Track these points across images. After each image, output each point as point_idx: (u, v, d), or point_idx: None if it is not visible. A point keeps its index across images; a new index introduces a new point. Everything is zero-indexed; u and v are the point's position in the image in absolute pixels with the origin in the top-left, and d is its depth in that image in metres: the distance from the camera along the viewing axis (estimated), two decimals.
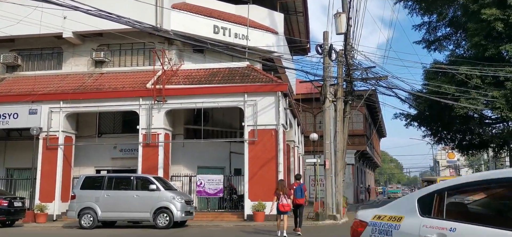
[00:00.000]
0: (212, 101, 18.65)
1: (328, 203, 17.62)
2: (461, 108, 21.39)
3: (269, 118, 17.94)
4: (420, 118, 27.60)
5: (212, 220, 17.64)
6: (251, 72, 19.55)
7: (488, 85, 21.52)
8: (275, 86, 18.33)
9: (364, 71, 20.33)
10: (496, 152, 32.32)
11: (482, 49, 22.09)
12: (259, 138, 17.79)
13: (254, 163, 17.67)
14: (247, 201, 17.40)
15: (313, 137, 22.12)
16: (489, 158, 49.60)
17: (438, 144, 36.53)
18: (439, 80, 23.07)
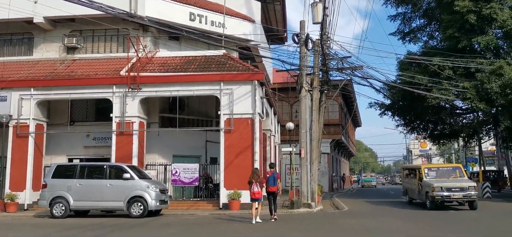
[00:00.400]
0: (188, 89, 18.46)
1: (303, 192, 17.77)
2: (433, 98, 21.86)
3: (245, 107, 17.89)
4: (394, 108, 28.08)
5: (187, 209, 17.56)
6: (227, 60, 19.43)
7: (460, 76, 22.03)
8: (252, 74, 18.27)
9: (340, 61, 20.48)
10: (466, 142, 33.24)
11: (455, 41, 22.57)
12: (235, 127, 17.74)
13: (230, 152, 17.64)
14: (223, 190, 17.38)
15: (289, 126, 22.22)
16: (460, 147, 50.94)
17: (411, 134, 37.29)
18: (413, 71, 23.47)
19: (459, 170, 18.17)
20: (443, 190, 16.33)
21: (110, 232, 11.47)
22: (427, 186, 17.03)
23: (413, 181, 19.45)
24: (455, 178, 17.42)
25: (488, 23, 21.50)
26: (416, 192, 18.86)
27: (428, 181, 17.18)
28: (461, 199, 16.60)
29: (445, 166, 19.05)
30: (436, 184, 16.49)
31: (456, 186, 16.47)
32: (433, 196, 16.38)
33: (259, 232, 10.98)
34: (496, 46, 22.46)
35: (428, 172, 18.06)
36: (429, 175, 17.77)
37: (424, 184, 17.45)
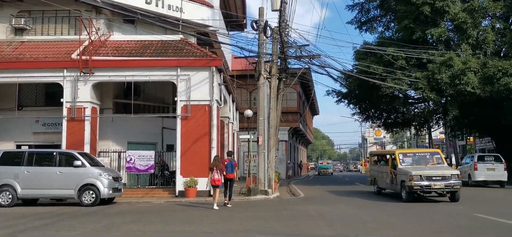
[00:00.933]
0: (144, 75, 17.99)
1: (260, 179, 17.84)
2: (388, 88, 22.47)
3: (203, 94, 17.65)
4: (350, 96, 28.69)
5: (142, 196, 17.21)
6: (185, 45, 19.07)
7: (412, 67, 22.73)
8: (210, 61, 18.02)
9: (298, 49, 20.61)
10: (417, 130, 34.50)
11: (409, 32, 23.24)
12: (192, 114, 17.49)
13: (186, 139, 17.39)
14: (179, 177, 17.14)
15: (248, 113, 22.17)
16: (412, 136, 52.83)
17: (366, 122, 38.38)
18: (369, 61, 24.02)
19: (437, 156, 15.90)
20: (422, 179, 14.21)
21: (60, 221, 11.03)
22: (403, 175, 14.94)
23: (384, 168, 17.51)
24: (434, 165, 15.33)
25: (441, 16, 22.24)
26: (387, 181, 16.83)
27: (404, 169, 15.03)
28: (442, 189, 14.49)
29: (422, 152, 16.73)
30: (414, 172, 14.32)
31: (437, 174, 14.36)
32: (410, 186, 14.24)
33: (213, 219, 10.89)
34: (447, 38, 23.30)
35: (404, 158, 15.80)
36: (404, 162, 15.57)
37: (399, 172, 15.33)
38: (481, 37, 22.19)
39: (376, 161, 19.74)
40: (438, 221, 10.28)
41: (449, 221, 10.32)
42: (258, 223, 10.22)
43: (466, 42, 21.99)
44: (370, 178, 20.21)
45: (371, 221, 10.38)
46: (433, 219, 10.67)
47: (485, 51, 22.25)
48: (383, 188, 17.98)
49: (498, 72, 20.20)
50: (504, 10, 22.91)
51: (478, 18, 22.16)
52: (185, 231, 9.31)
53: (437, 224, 9.85)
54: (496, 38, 22.50)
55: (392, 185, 16.22)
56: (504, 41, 22.49)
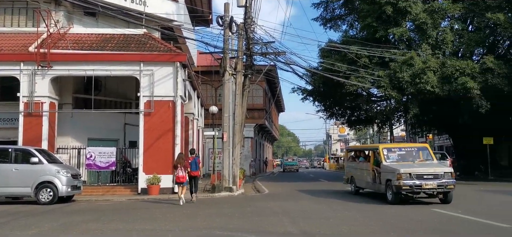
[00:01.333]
0: (105, 69, 17.47)
1: (225, 175, 17.74)
2: (351, 85, 22.79)
3: (166, 89, 17.34)
4: (315, 94, 28.96)
5: (102, 194, 16.76)
6: (148, 40, 18.68)
7: (375, 65, 23.16)
8: (174, 56, 17.72)
9: (264, 45, 20.61)
10: (379, 127, 35.27)
11: (372, 31, 23.65)
12: (155, 110, 17.16)
13: (149, 135, 17.05)
14: (142, 174, 16.80)
15: (213, 110, 22.00)
16: (374, 133, 54.03)
17: (330, 119, 38.85)
18: (333, 58, 24.28)
19: (425, 152, 14.36)
20: (412, 178, 12.54)
21: (15, 220, 10.58)
22: (388, 173, 13.22)
23: (364, 165, 15.85)
24: (422, 162, 13.80)
25: (402, 16, 22.74)
26: (368, 180, 15.15)
27: (391, 166, 13.32)
28: (434, 190, 12.74)
29: (409, 146, 14.87)
30: (403, 170, 12.63)
31: (428, 172, 12.73)
32: (398, 185, 12.54)
33: (175, 217, 10.73)
34: (409, 38, 23.87)
35: (388, 154, 14.07)
36: (389, 158, 13.89)
37: (384, 169, 13.66)
38: (440, 37, 22.86)
39: (353, 157, 17.90)
40: (408, 220, 10.50)
41: (419, 219, 10.55)
42: (221, 220, 10.13)
43: (426, 42, 22.60)
44: (346, 176, 17.94)
45: (333, 217, 10.49)
46: (404, 217, 10.88)
47: (444, 51, 22.93)
48: (361, 188, 16.30)
49: (456, 71, 20.86)
50: (463, 11, 23.69)
51: (437, 19, 22.81)
52: (146, 230, 9.10)
53: (408, 224, 10.05)
54: (454, 39, 23.23)
55: (374, 184, 14.58)
56: (462, 42, 23.26)
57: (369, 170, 14.95)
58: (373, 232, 8.50)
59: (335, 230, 8.76)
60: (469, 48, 23.24)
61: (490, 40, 24.62)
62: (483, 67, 20.94)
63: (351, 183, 17.25)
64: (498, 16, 21.21)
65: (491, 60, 20.91)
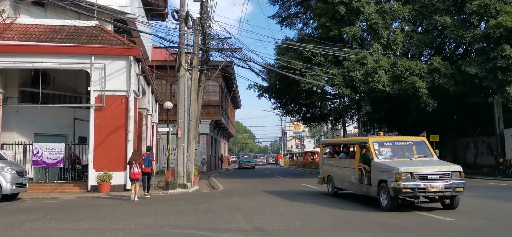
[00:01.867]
0: (54, 62, 16.75)
1: (179, 172, 17.50)
2: (307, 83, 23.13)
3: (119, 84, 16.87)
4: (271, 91, 29.19)
5: (50, 191, 16.09)
6: (100, 32, 18.08)
7: (330, 63, 23.61)
8: (127, 49, 17.26)
9: (220, 41, 20.48)
10: (333, 124, 36.07)
11: (327, 30, 24.07)
12: (107, 105, 16.66)
13: (100, 131, 16.54)
14: (92, 171, 16.27)
15: (167, 105, 21.61)
16: (328, 130, 55.17)
17: (286, 116, 39.36)
18: (289, 56, 24.53)
19: (422, 146, 12.14)
20: (414, 179, 10.22)
21: None
22: (383, 172, 10.90)
23: (346, 162, 13.60)
24: (421, 159, 11.60)
25: (356, 16, 23.29)
26: (352, 180, 12.77)
27: (385, 164, 11.04)
28: (441, 193, 10.30)
29: (404, 140, 12.48)
30: (403, 169, 10.27)
31: (434, 171, 10.42)
32: (397, 188, 10.15)
33: (126, 215, 10.47)
34: (362, 38, 24.50)
35: (380, 148, 11.73)
36: (382, 154, 11.59)
37: (376, 168, 11.32)
38: (391, 38, 23.60)
39: (331, 153, 15.28)
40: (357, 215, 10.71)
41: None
42: (173, 218, 9.97)
43: (378, 42, 23.27)
44: (321, 175, 15.50)
45: (287, 213, 10.58)
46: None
47: (395, 51, 23.72)
48: (341, 189, 14.04)
49: (405, 71, 21.62)
50: (412, 14, 24.58)
51: (389, 20, 23.54)
52: (94, 229, 8.81)
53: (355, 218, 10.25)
54: (404, 40, 24.07)
55: (360, 186, 12.24)
56: (412, 43, 24.13)
57: (354, 168, 12.62)
58: (323, 228, 8.64)
59: (289, 226, 8.84)
60: (418, 49, 24.16)
61: (438, 42, 25.70)
62: (431, 68, 21.84)
63: (328, 183, 14.79)
64: (445, 19, 22.17)
65: (438, 61, 21.83)
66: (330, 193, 14.49)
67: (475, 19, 21.86)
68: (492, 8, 21.02)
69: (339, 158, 14.36)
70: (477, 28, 22.07)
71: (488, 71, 20.47)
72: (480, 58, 21.38)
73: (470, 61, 21.68)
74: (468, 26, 22.20)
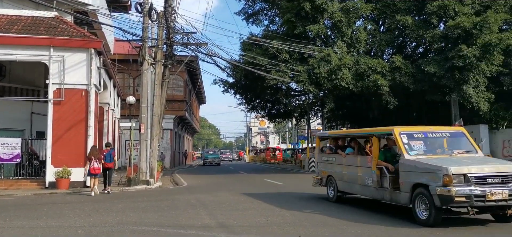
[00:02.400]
0: (10, 53, 16.04)
1: (142, 168, 17.18)
2: (272, 79, 23.21)
3: (79, 77, 16.35)
4: (237, 86, 29.13)
5: (5, 189, 15.42)
6: (59, 24, 17.45)
7: (295, 60, 23.78)
8: (88, 42, 16.73)
9: (185, 35, 20.22)
10: (298, 121, 36.42)
11: (292, 27, 24.21)
12: (66, 98, 16.11)
13: (59, 125, 15.98)
14: (50, 167, 15.70)
15: (130, 100, 21.17)
16: (292, 126, 55.68)
17: (251, 112, 39.38)
18: (254, 52, 24.51)
19: (463, 139, 9.61)
20: (468, 182, 7.74)
21: None
22: (422, 173, 8.29)
23: (356, 160, 10.76)
24: (465, 155, 9.06)
25: (320, 13, 23.53)
26: (366, 183, 10.12)
27: (423, 162, 8.43)
28: (505, 202, 7.76)
29: (437, 131, 9.69)
30: (454, 169, 7.80)
31: (494, 172, 7.93)
32: (448, 195, 7.67)
33: (85, 212, 10.16)
34: (326, 35, 24.80)
35: (410, 141, 9.11)
36: (413, 149, 8.96)
37: (408, 167, 8.67)
38: (355, 36, 24.00)
39: (332, 149, 12.27)
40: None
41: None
42: (135, 215, 9.76)
43: (342, 40, 23.61)
44: (318, 175, 12.77)
45: (251, 209, 10.57)
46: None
47: (358, 50, 24.14)
48: (348, 193, 11.48)
49: (368, 69, 22.05)
50: (375, 13, 25.09)
51: (352, 18, 23.92)
52: (52, 227, 8.49)
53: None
54: (367, 38, 24.54)
55: (379, 190, 9.60)
56: (374, 41, 24.63)
57: (369, 167, 9.95)
58: (289, 224, 8.67)
59: (253, 221, 8.83)
60: (380, 47, 24.69)
61: (399, 41, 26.35)
62: (392, 66, 22.36)
63: (328, 186, 12.15)
64: (407, 18, 22.74)
65: (399, 59, 22.37)
66: (331, 198, 11.81)
67: (435, 19, 22.53)
68: (451, 9, 21.73)
69: (345, 154, 11.40)
70: (436, 29, 22.76)
71: (446, 70, 21.16)
72: (439, 57, 22.06)
73: (430, 60, 22.34)
74: (428, 26, 22.86)
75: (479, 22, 20.44)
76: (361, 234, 7.56)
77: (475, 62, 20.42)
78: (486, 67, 20.85)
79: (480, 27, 20.38)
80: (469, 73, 20.85)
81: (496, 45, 20.25)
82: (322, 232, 7.70)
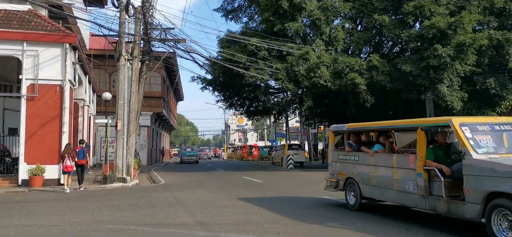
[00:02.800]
0: None
1: (118, 165, 16.91)
2: (251, 77, 23.18)
3: (53, 72, 15.97)
4: (215, 84, 28.98)
5: None
6: (33, 18, 17.00)
7: (274, 58, 23.81)
8: (63, 36, 16.35)
9: (163, 31, 19.99)
10: (276, 118, 36.52)
11: (270, 24, 24.22)
12: (40, 94, 15.72)
13: (33, 122, 15.58)
14: (23, 164, 15.30)
15: (106, 96, 20.82)
16: (271, 123, 55.86)
17: (229, 109, 39.25)
18: (233, 49, 24.44)
19: None
20: None
21: None
22: (505, 178, 6.21)
23: (387, 160, 8.79)
24: None
25: (298, 11, 23.61)
26: (407, 189, 8.03)
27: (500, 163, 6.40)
28: None
29: (504, 122, 7.60)
30: None
31: None
32: None
33: (60, 210, 9.94)
34: (305, 33, 24.91)
35: (475, 136, 7.09)
36: (481, 145, 6.97)
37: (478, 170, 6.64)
38: (333, 34, 24.19)
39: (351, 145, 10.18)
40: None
41: None
42: (111, 213, 9.59)
43: (320, 38, 23.76)
44: (333, 177, 10.63)
45: (230, 206, 10.53)
46: None
47: (336, 48, 24.34)
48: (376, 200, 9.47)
49: (346, 67, 22.25)
50: (353, 12, 25.32)
51: (330, 17, 24.09)
52: (25, 225, 8.26)
53: None
54: (345, 37, 24.76)
55: (427, 198, 7.59)
56: (352, 40, 24.87)
57: (412, 169, 7.88)
58: (267, 221, 8.67)
59: (231, 219, 8.79)
60: (358, 46, 24.95)
61: (376, 40, 26.68)
62: (370, 65, 22.62)
63: (347, 190, 10.04)
64: (384, 18, 23.04)
65: (376, 58, 22.66)
66: (352, 206, 9.72)
67: (411, 19, 22.90)
68: (427, 10, 22.12)
69: (373, 152, 9.23)
70: (412, 28, 23.14)
71: (421, 70, 21.53)
72: (415, 57, 22.44)
73: (406, 59, 22.70)
74: (404, 26, 23.22)
75: (453, 23, 20.87)
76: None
77: (450, 62, 20.84)
78: (460, 67, 21.31)
79: (454, 27, 20.81)
80: (444, 72, 21.28)
81: (470, 45, 20.71)
82: (300, 229, 7.71)
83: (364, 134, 10.15)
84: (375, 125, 10.01)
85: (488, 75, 23.17)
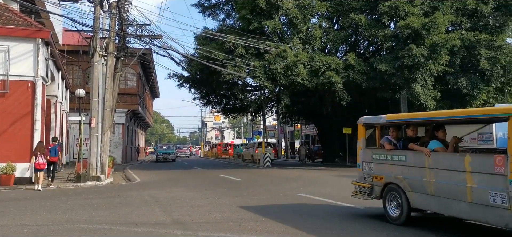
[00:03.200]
0: None
1: (92, 164, 16.59)
2: (228, 74, 23.09)
3: (25, 68, 15.53)
4: (192, 81, 28.77)
5: None
6: (4, 11, 16.49)
7: (251, 56, 23.77)
8: (35, 31, 15.92)
9: (138, 27, 19.70)
10: (253, 116, 36.52)
11: (247, 22, 24.18)
12: (11, 91, 15.27)
13: (3, 119, 15.13)
14: None
15: (80, 93, 20.35)
16: (248, 121, 55.88)
17: (206, 107, 39.07)
18: (210, 46, 24.28)
19: None
20: None
21: None
22: None
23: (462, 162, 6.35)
24: None
25: (275, 10, 23.65)
26: (489, 200, 5.85)
27: None
28: None
29: None
30: None
31: None
32: None
33: (32, 210, 9.67)
34: (282, 31, 24.97)
35: None
36: None
37: None
38: (310, 33, 24.33)
39: (391, 141, 8.13)
40: None
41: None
42: (85, 213, 9.38)
43: (297, 36, 23.86)
44: (365, 182, 8.64)
45: (206, 205, 10.45)
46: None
47: (313, 47, 24.49)
48: (425, 210, 7.54)
49: (323, 66, 22.43)
50: (330, 11, 25.52)
51: (307, 15, 24.23)
52: None
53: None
54: (322, 36, 24.95)
55: None
56: (329, 39, 25.08)
57: (500, 175, 5.78)
58: (244, 219, 8.64)
59: (209, 217, 8.72)
60: (334, 45, 25.17)
61: (353, 39, 26.98)
62: (346, 64, 22.86)
63: (387, 199, 7.95)
64: (360, 17, 23.31)
65: (352, 57, 22.91)
66: (395, 219, 7.66)
67: (386, 19, 23.24)
68: (402, 10, 22.48)
69: (430, 151, 7.04)
70: (387, 28, 23.49)
71: (396, 69, 21.88)
72: (390, 56, 22.79)
73: (381, 58, 23.03)
74: (380, 25, 23.55)
75: (427, 23, 21.29)
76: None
77: (423, 62, 21.26)
78: (433, 66, 21.76)
79: (428, 27, 21.22)
80: (418, 72, 21.69)
81: (443, 45, 21.17)
82: (278, 227, 7.71)
83: (413, 127, 7.93)
84: (429, 116, 7.95)
85: (460, 74, 23.75)
